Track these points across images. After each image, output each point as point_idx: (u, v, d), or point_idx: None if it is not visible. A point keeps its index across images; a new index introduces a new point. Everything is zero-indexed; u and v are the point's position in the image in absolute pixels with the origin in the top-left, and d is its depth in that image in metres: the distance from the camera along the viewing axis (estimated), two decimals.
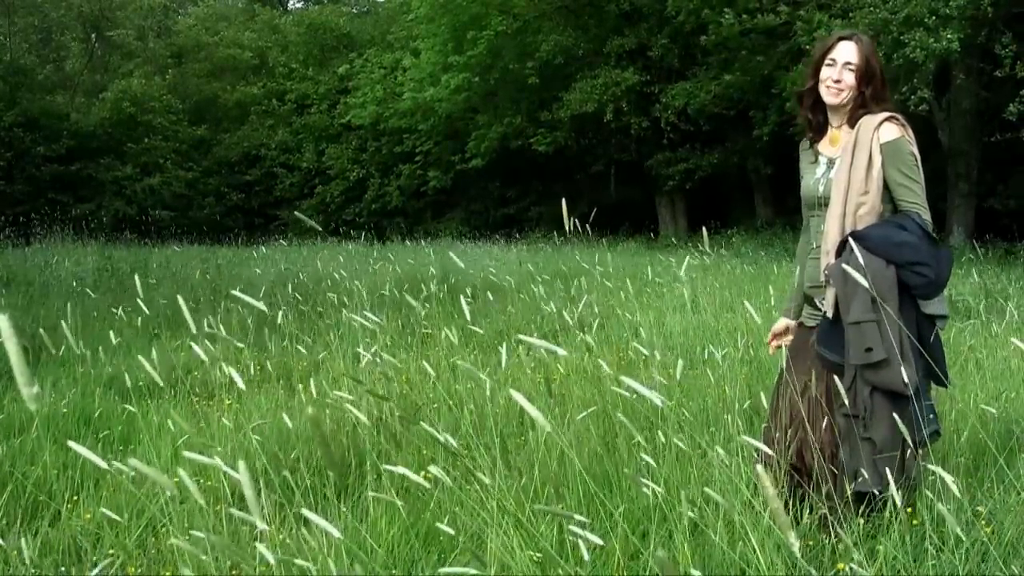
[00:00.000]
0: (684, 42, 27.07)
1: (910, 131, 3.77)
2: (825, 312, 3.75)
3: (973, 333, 8.28)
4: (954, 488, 2.54)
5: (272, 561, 2.23)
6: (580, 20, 29.06)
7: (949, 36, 16.43)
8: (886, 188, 3.72)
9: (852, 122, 3.83)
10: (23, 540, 3.61)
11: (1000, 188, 23.01)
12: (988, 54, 18.99)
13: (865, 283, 3.41)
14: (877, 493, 3.54)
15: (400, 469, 2.62)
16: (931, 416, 3.60)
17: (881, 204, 3.70)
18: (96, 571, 3.24)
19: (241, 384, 3.26)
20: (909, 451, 3.56)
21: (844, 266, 3.52)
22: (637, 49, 28.10)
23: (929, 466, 3.31)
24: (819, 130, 4.00)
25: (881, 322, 3.49)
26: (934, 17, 16.88)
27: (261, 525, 1.68)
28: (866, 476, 3.55)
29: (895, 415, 3.44)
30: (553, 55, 28.05)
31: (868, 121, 3.74)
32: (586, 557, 2.95)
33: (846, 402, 3.55)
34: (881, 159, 3.68)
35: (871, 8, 17.90)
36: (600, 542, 2.35)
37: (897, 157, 3.69)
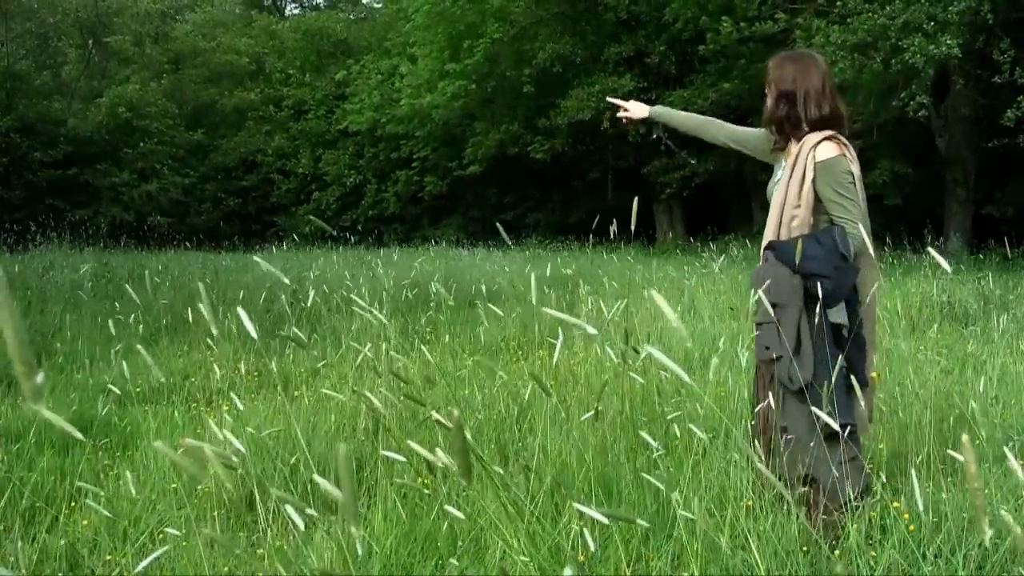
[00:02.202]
0: (682, 49, 27.13)
1: (851, 151, 3.96)
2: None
3: (972, 338, 8.28)
4: (1018, 470, 2.53)
5: (300, 525, 2.22)
6: (577, 27, 29.08)
7: (949, 41, 16.47)
8: (821, 202, 3.93)
9: (798, 136, 4.07)
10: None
11: (997, 195, 23.04)
12: (986, 60, 19.03)
13: (768, 289, 3.72)
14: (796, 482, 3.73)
15: (394, 465, 2.61)
16: (842, 411, 3.71)
17: (812, 217, 3.93)
18: None
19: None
20: (818, 443, 3.73)
21: (757, 273, 3.88)
22: (635, 56, 28.13)
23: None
24: (784, 137, 4.21)
25: (781, 324, 3.74)
26: (932, 23, 16.91)
27: (355, 530, 1.66)
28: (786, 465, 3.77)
29: (804, 408, 3.68)
30: (550, 62, 28.05)
31: (810, 139, 3.96)
32: (592, 547, 2.94)
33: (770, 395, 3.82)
34: (813, 176, 3.89)
35: (869, 14, 17.93)
36: (605, 520, 2.34)
37: (830, 175, 3.88)
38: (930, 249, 3.80)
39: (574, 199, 33.46)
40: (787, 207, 3.93)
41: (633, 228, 4.02)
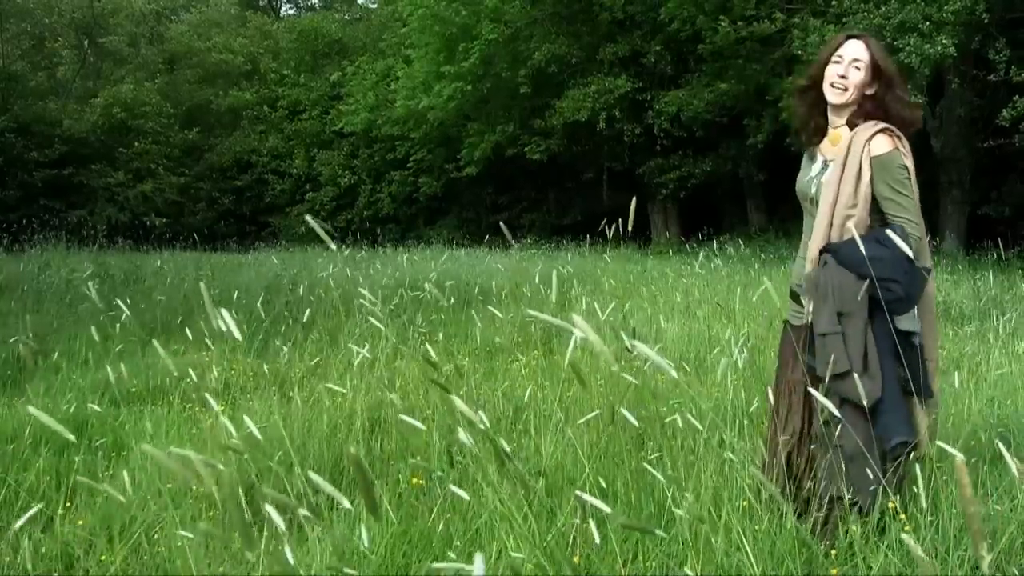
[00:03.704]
0: (677, 49, 27.11)
1: (905, 143, 3.70)
2: (807, 320, 3.73)
3: (968, 339, 8.29)
4: (1014, 468, 2.51)
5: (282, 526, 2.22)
6: (572, 27, 29.04)
7: (944, 41, 16.49)
8: (875, 201, 3.66)
9: (852, 125, 3.77)
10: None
11: (994, 195, 23.05)
12: (981, 60, 19.06)
13: (831, 296, 3.49)
14: (845, 499, 3.51)
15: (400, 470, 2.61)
16: (901, 428, 3.52)
17: (868, 217, 3.66)
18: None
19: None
20: (877, 459, 3.52)
21: (814, 279, 3.59)
22: (630, 56, 28.10)
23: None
24: (817, 132, 3.95)
25: (846, 335, 3.49)
26: (928, 22, 16.93)
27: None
28: (840, 483, 3.53)
29: (865, 424, 3.47)
30: (546, 63, 28.02)
31: (863, 131, 3.68)
32: (596, 539, 2.94)
33: (831, 408, 3.54)
34: (871, 173, 3.63)
35: (865, 13, 17.95)
36: (604, 505, 2.33)
37: (886, 171, 3.62)
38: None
39: (569, 200, 33.48)
40: (839, 207, 3.65)
41: (630, 228, 3.87)
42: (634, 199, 3.92)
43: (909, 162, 3.68)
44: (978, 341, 8.12)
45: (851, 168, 3.65)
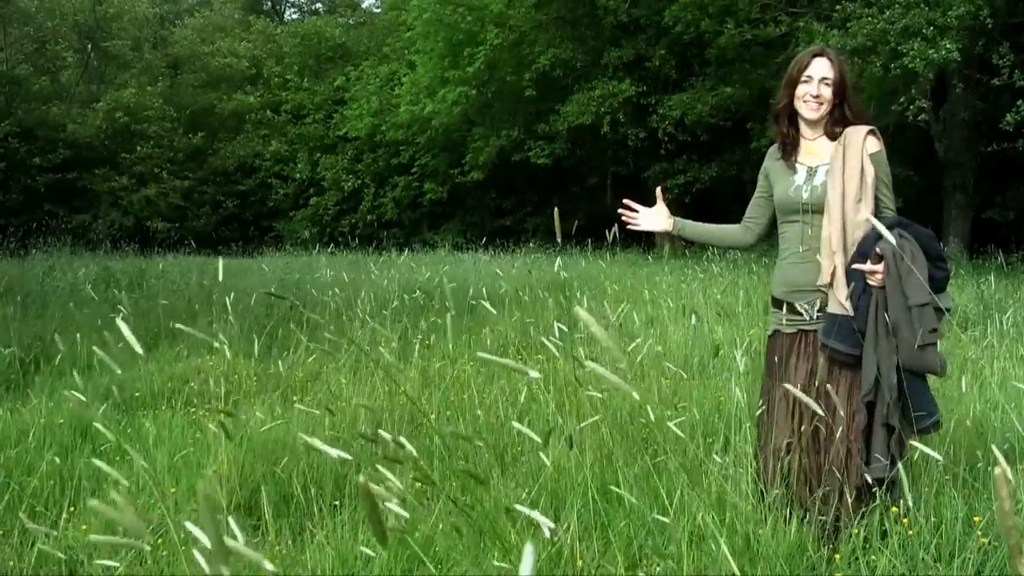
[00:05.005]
0: (681, 53, 27.11)
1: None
2: (844, 304, 3.76)
3: (972, 343, 8.27)
4: (1007, 471, 2.51)
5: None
6: (577, 32, 29.07)
7: (948, 46, 16.50)
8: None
9: (831, 134, 3.98)
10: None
11: (998, 199, 23.04)
12: (985, 65, 19.07)
13: (919, 268, 3.57)
14: (885, 476, 3.62)
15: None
16: (936, 405, 3.75)
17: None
18: None
19: None
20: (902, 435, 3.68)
21: (896, 248, 3.57)
22: (634, 60, 28.10)
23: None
24: (794, 145, 4.12)
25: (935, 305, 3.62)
26: (932, 27, 16.94)
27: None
28: (881, 461, 3.63)
29: (908, 400, 3.61)
30: (550, 67, 28.01)
31: (854, 133, 3.89)
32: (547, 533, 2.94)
33: (886, 389, 3.62)
34: (873, 169, 3.82)
35: (869, 18, 17.95)
36: (550, 524, 2.33)
37: (881, 167, 3.87)
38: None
39: (573, 205, 33.46)
40: (848, 201, 3.81)
41: (558, 239, 4.01)
42: (556, 210, 4.04)
43: None
44: (982, 345, 8.11)
45: (852, 165, 3.84)
